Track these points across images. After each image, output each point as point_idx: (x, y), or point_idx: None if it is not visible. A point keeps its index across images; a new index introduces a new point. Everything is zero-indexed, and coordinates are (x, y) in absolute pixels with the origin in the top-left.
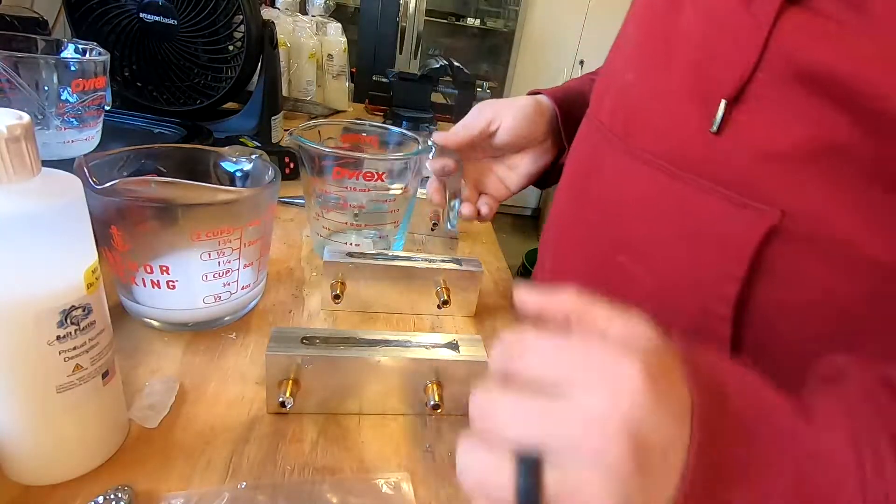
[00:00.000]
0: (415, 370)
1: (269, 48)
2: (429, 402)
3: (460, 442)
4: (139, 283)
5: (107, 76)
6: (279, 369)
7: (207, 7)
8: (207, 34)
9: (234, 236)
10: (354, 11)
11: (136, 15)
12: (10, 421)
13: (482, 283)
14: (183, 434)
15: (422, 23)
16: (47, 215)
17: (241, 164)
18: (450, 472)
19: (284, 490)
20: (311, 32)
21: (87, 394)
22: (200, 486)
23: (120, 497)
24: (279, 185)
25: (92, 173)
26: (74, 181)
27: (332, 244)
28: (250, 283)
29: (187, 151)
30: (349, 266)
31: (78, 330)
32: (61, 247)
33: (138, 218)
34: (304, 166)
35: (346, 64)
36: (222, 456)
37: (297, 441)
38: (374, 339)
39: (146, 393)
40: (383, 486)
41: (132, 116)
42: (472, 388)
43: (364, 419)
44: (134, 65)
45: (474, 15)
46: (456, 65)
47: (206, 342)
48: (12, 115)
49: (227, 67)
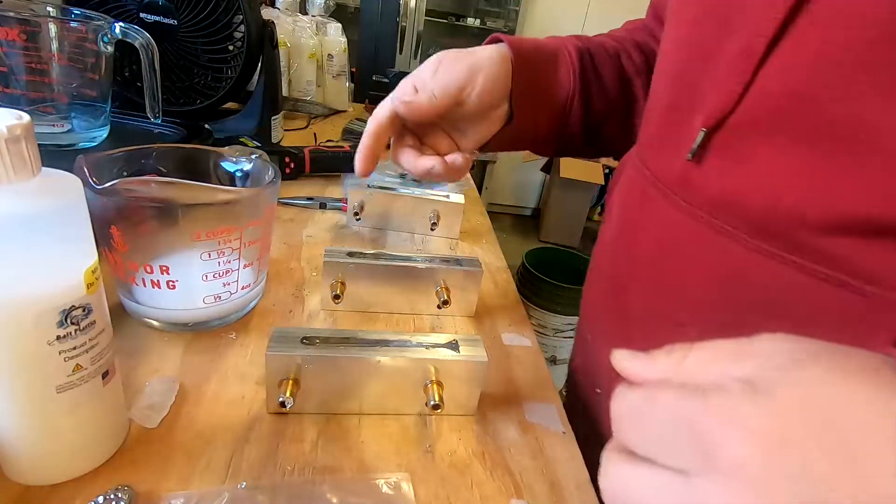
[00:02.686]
0: (415, 370)
1: (269, 48)
2: (429, 402)
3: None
4: (139, 283)
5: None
6: (279, 369)
7: (207, 7)
8: (207, 34)
9: (234, 236)
10: (354, 11)
11: (136, 15)
12: (10, 421)
13: (482, 283)
14: (183, 434)
15: (422, 23)
16: (47, 215)
17: (241, 164)
18: (450, 472)
19: (284, 490)
20: (311, 32)
21: (87, 394)
22: (200, 487)
23: (120, 497)
24: (279, 185)
25: (92, 173)
26: (74, 181)
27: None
28: (250, 283)
29: (187, 151)
30: (349, 266)
31: (78, 330)
32: (61, 247)
33: (138, 218)
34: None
35: (346, 64)
36: (222, 456)
37: (297, 441)
38: (374, 339)
39: (146, 393)
40: (383, 486)
41: (132, 116)
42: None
43: (364, 419)
44: (134, 65)
45: (474, 15)
46: None
47: (206, 342)
48: (12, 115)
49: (227, 67)
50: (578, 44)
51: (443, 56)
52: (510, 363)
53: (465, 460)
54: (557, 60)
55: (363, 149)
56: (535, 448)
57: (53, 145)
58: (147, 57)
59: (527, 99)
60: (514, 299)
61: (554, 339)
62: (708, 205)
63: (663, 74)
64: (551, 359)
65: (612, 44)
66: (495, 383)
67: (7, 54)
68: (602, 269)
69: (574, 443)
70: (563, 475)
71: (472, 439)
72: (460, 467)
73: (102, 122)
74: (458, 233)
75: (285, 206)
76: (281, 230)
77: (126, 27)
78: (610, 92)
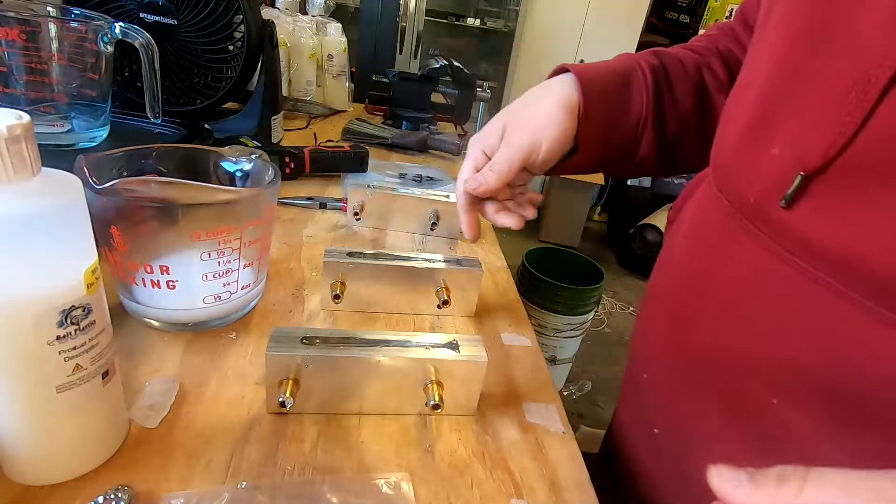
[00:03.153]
0: (415, 370)
1: (269, 48)
2: (429, 402)
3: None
4: (139, 283)
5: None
6: (279, 369)
7: (207, 7)
8: (207, 34)
9: (234, 236)
10: (354, 11)
11: (136, 15)
12: (10, 421)
13: (482, 283)
14: (183, 434)
15: (422, 23)
16: (47, 215)
17: (241, 164)
18: (450, 472)
19: (284, 490)
20: (311, 32)
21: (87, 394)
22: (200, 487)
23: (120, 497)
24: (279, 185)
25: (92, 173)
26: (74, 181)
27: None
28: (250, 283)
29: (187, 151)
30: (349, 266)
31: (78, 330)
32: (61, 247)
33: (138, 218)
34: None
35: (346, 64)
36: (222, 456)
37: (297, 441)
38: (374, 339)
39: (146, 393)
40: (383, 486)
41: (132, 116)
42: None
43: (364, 419)
44: (134, 65)
45: (474, 15)
46: (456, 65)
47: (206, 342)
48: (12, 115)
49: (227, 67)
50: (654, 62)
51: (507, 121)
52: (510, 363)
53: (465, 460)
54: (630, 83)
55: (467, 223)
56: (535, 448)
57: (53, 145)
58: (147, 57)
59: (593, 139)
60: (514, 299)
61: (554, 339)
62: (810, 255)
63: (746, 90)
64: (551, 359)
65: (693, 57)
66: (495, 383)
67: (7, 54)
68: (663, 299)
69: (574, 443)
70: (563, 475)
71: (472, 439)
72: (460, 467)
73: (102, 122)
74: (459, 233)
75: (285, 206)
76: (281, 230)
77: (126, 27)
78: (686, 112)
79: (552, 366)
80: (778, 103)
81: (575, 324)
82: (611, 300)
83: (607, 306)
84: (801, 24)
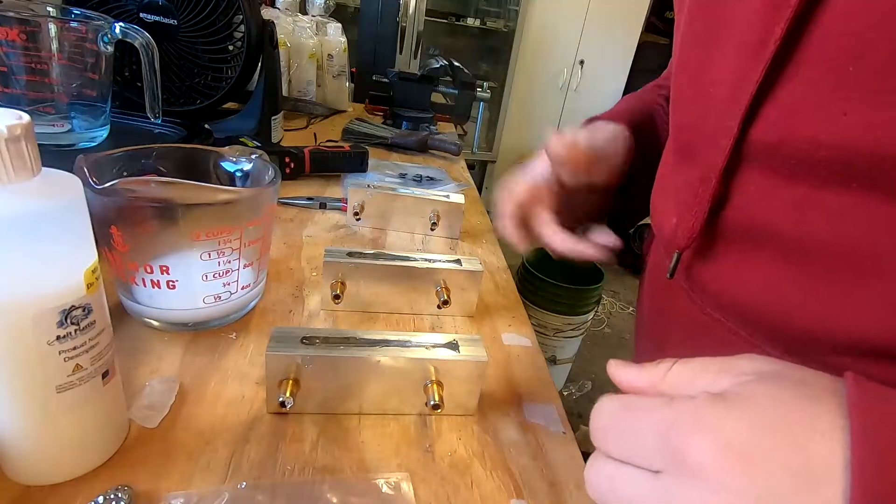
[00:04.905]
0: (415, 370)
1: (269, 48)
2: (429, 402)
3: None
4: (139, 283)
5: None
6: (279, 369)
7: (207, 7)
8: (207, 34)
9: (234, 236)
10: (354, 11)
11: (136, 15)
12: (10, 421)
13: (482, 283)
14: (183, 434)
15: (422, 23)
16: (47, 215)
17: (241, 164)
18: (450, 471)
19: (284, 490)
20: (311, 32)
21: (87, 394)
22: (200, 486)
23: (120, 497)
24: (279, 185)
25: (92, 173)
26: (74, 181)
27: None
28: (250, 283)
29: (187, 151)
30: (349, 266)
31: (78, 330)
32: (61, 247)
33: (138, 218)
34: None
35: (346, 64)
36: (222, 456)
37: (297, 441)
38: (374, 339)
39: (146, 393)
40: (383, 486)
41: (132, 116)
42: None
43: (364, 419)
44: (134, 65)
45: (474, 15)
46: (456, 65)
47: (206, 342)
48: (12, 115)
49: (227, 67)
50: (664, 93)
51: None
52: (510, 363)
53: (465, 460)
54: (654, 122)
55: (512, 235)
56: (535, 448)
57: (53, 145)
58: (147, 57)
59: (639, 160)
60: (514, 299)
61: (554, 339)
62: (716, 307)
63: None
64: (551, 359)
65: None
66: (495, 383)
67: (7, 54)
68: (642, 337)
69: (574, 443)
70: (563, 475)
71: (472, 439)
72: (460, 467)
73: (102, 122)
74: (459, 233)
75: (285, 206)
76: (281, 230)
77: (126, 27)
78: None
79: (552, 366)
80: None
81: (575, 324)
82: (611, 300)
83: (607, 306)
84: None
